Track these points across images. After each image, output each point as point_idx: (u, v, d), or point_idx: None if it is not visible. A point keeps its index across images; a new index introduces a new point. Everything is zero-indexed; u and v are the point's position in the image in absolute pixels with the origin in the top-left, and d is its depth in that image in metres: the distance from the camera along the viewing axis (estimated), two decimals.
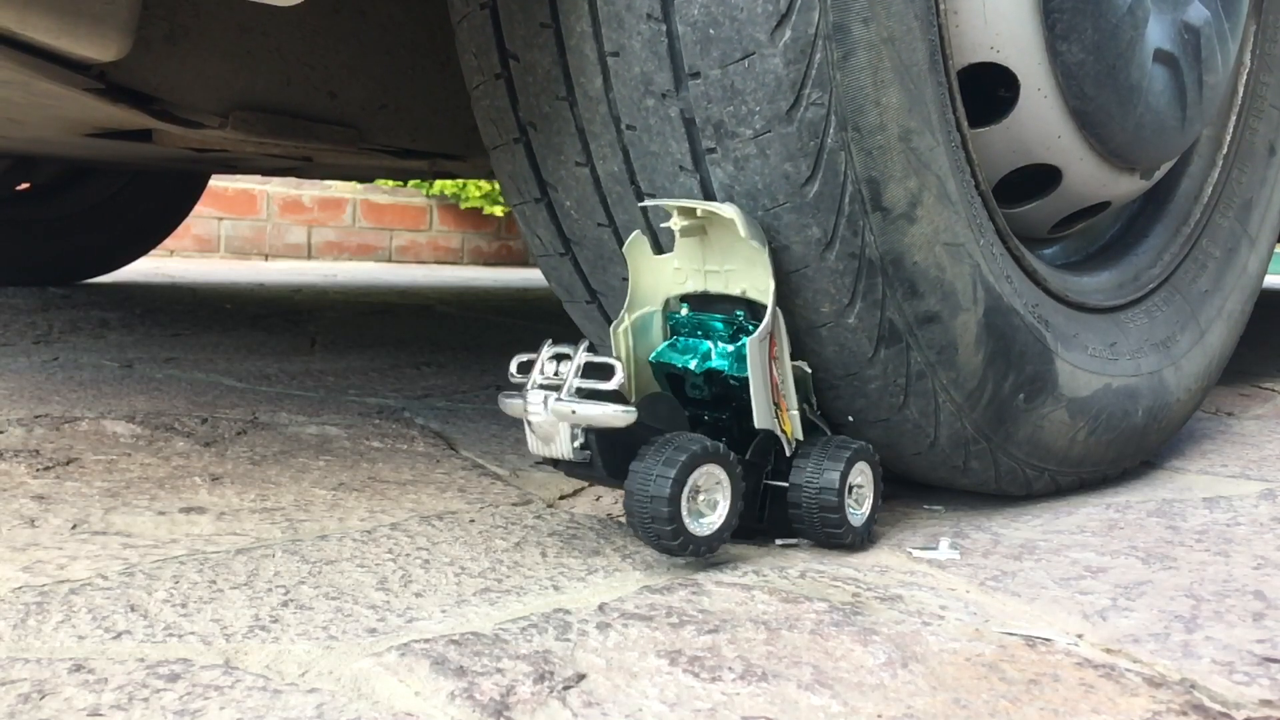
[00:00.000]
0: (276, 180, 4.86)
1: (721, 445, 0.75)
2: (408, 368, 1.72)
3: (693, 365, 0.79)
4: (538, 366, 0.76)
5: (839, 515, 0.79)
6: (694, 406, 0.83)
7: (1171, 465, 1.19)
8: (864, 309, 0.81)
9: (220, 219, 4.79)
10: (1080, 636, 0.67)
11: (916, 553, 0.83)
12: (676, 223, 0.78)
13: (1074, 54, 0.91)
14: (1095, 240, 1.19)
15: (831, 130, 0.76)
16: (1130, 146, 1.02)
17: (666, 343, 0.82)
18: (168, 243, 4.62)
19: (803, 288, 0.80)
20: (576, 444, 0.75)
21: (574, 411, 0.73)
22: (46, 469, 0.99)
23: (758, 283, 0.78)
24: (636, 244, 0.82)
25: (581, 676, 0.58)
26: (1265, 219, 1.29)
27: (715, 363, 0.79)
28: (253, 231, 4.90)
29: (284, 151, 1.69)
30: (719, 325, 0.80)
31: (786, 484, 0.81)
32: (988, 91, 0.94)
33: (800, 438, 0.81)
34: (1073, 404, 0.97)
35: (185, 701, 0.54)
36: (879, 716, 0.55)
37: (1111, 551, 0.85)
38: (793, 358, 0.82)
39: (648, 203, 0.81)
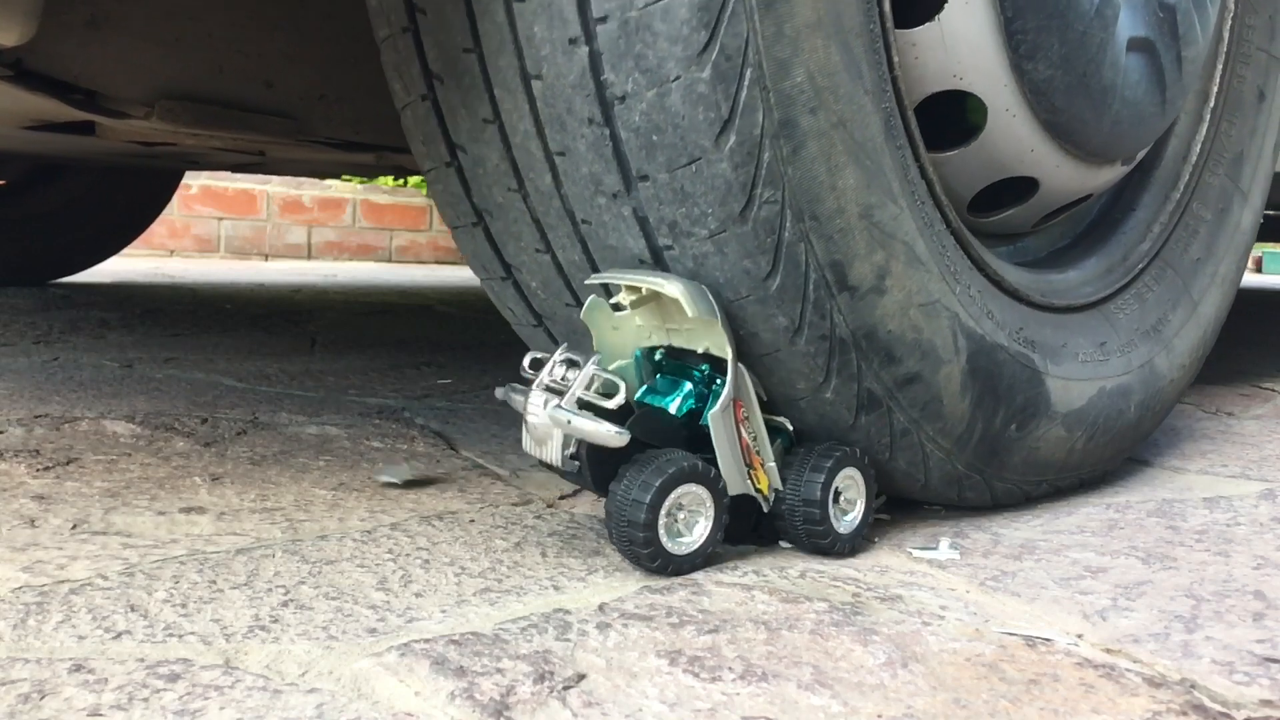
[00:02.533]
0: (276, 180, 4.86)
1: (702, 463, 0.75)
2: (408, 368, 1.72)
3: (673, 408, 0.78)
4: (547, 368, 0.76)
5: (824, 527, 0.79)
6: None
7: (1171, 465, 1.19)
8: (840, 384, 0.80)
9: (220, 219, 4.79)
10: (1080, 636, 0.67)
11: (916, 553, 0.83)
12: (625, 297, 0.76)
13: (1041, 72, 0.89)
14: (1081, 220, 1.16)
15: (788, 224, 0.74)
16: (1109, 144, 1.00)
17: (645, 385, 0.80)
18: (168, 243, 4.62)
19: (776, 368, 0.79)
20: (568, 452, 0.75)
21: (569, 422, 0.73)
22: (46, 469, 0.99)
23: (718, 341, 0.76)
24: (595, 309, 0.80)
25: (581, 676, 0.58)
26: (1257, 170, 1.23)
27: (696, 404, 0.78)
28: (253, 231, 4.90)
29: (227, 145, 1.62)
30: (696, 374, 0.79)
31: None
32: (956, 112, 0.92)
33: (779, 487, 0.80)
34: (1068, 418, 0.96)
35: (185, 701, 0.54)
36: (879, 716, 0.55)
37: (1111, 551, 0.85)
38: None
39: (593, 279, 0.79)
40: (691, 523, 0.75)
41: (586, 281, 0.79)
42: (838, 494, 0.80)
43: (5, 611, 0.64)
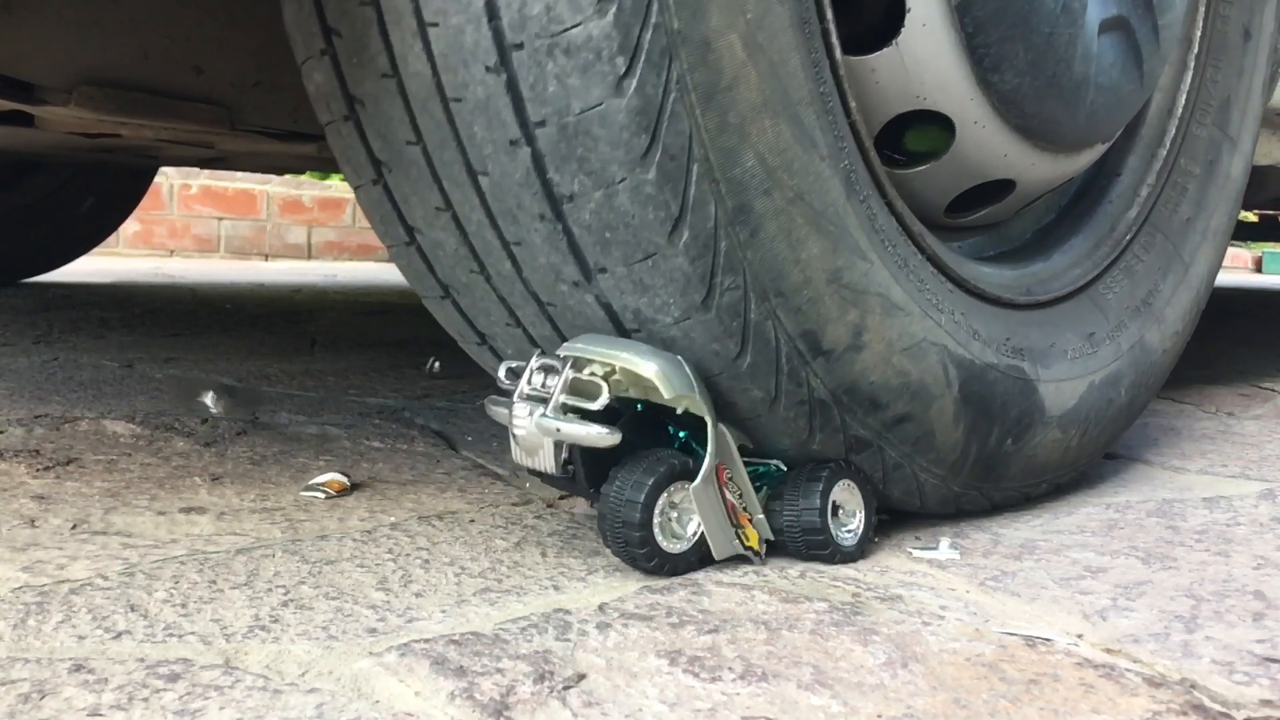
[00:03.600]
0: (276, 180, 4.86)
1: (693, 460, 0.74)
2: (408, 368, 1.72)
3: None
4: (525, 377, 0.75)
5: (823, 537, 0.78)
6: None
7: (1171, 465, 1.19)
8: (825, 436, 0.79)
9: (220, 219, 4.79)
10: (1080, 636, 0.67)
11: (916, 553, 0.83)
12: (599, 369, 0.75)
13: (1008, 82, 0.86)
14: (1065, 193, 1.10)
15: (753, 306, 0.73)
16: (1086, 133, 0.97)
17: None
18: (168, 243, 4.62)
19: (757, 429, 0.78)
20: (561, 459, 0.75)
21: (559, 430, 0.72)
22: (46, 469, 0.99)
23: (697, 408, 0.74)
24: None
25: (581, 676, 0.58)
26: (1246, 114, 1.16)
27: (683, 437, 0.78)
28: (253, 231, 4.89)
29: (172, 136, 1.53)
30: (674, 433, 0.78)
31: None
32: (926, 118, 0.88)
33: (770, 537, 0.79)
34: (1062, 419, 0.95)
35: (185, 701, 0.54)
36: (879, 716, 0.55)
37: (1111, 551, 0.85)
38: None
39: (564, 350, 0.76)
40: (685, 520, 0.75)
41: (559, 352, 0.77)
42: (836, 508, 0.80)
43: (5, 611, 0.64)
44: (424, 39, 0.69)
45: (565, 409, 0.73)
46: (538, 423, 0.73)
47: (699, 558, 0.76)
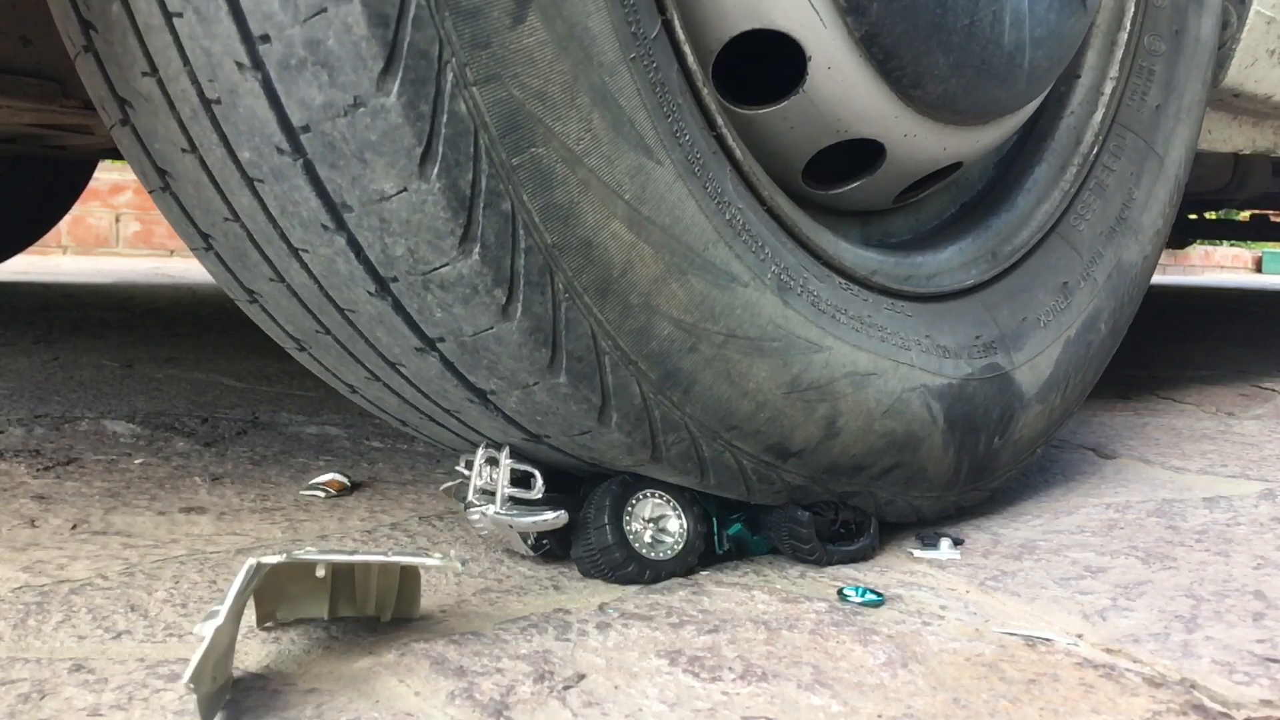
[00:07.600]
0: None
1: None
2: None
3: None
4: (475, 473, 0.75)
5: (810, 544, 0.79)
6: None
7: (1171, 465, 1.19)
8: (809, 500, 0.79)
9: None
10: (1080, 636, 0.67)
11: (917, 553, 0.84)
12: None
13: (934, 90, 0.80)
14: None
15: (704, 447, 0.71)
16: (1031, 91, 0.89)
17: None
18: (168, 242, 4.62)
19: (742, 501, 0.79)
20: (529, 541, 0.76)
21: (510, 525, 0.73)
22: (47, 469, 0.99)
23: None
24: None
25: (581, 676, 0.58)
26: None
27: None
28: None
29: (22, 118, 1.43)
30: None
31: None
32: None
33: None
34: (1040, 392, 0.92)
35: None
36: (879, 716, 0.55)
37: (1111, 551, 0.85)
38: None
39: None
40: (664, 524, 0.75)
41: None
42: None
43: (5, 611, 0.64)
44: (299, 260, 0.66)
45: (513, 501, 0.73)
46: (492, 519, 0.73)
47: (697, 557, 0.76)
